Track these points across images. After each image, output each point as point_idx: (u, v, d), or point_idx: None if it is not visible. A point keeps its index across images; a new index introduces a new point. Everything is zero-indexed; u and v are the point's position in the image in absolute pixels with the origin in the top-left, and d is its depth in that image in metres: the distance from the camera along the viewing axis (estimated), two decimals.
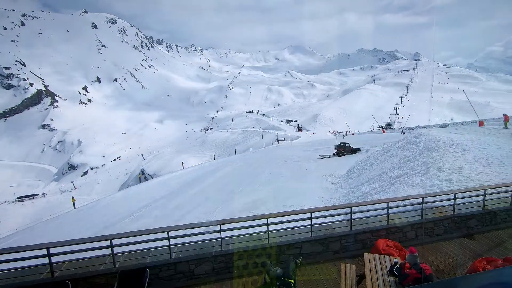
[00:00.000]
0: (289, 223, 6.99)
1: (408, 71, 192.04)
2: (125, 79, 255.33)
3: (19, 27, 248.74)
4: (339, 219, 8.71)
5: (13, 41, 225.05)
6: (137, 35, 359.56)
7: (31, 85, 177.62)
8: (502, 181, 9.63)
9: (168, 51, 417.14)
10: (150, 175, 72.67)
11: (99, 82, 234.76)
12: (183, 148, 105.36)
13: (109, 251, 5.71)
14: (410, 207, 7.98)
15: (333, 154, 32.92)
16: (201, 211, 18.19)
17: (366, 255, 5.56)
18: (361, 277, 5.31)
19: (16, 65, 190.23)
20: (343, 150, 32.86)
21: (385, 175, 15.29)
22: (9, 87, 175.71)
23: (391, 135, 46.56)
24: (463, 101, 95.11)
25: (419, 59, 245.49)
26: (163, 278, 5.93)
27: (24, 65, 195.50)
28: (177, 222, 16.35)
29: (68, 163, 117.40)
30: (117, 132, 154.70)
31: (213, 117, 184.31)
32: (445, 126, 44.99)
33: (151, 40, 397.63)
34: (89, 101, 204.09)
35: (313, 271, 6.21)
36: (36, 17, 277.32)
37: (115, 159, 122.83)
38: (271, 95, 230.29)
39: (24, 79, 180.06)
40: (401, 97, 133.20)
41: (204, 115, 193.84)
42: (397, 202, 7.73)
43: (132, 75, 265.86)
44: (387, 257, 5.48)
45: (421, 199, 7.32)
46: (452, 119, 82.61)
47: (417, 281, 4.43)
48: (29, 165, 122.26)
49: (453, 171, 11.26)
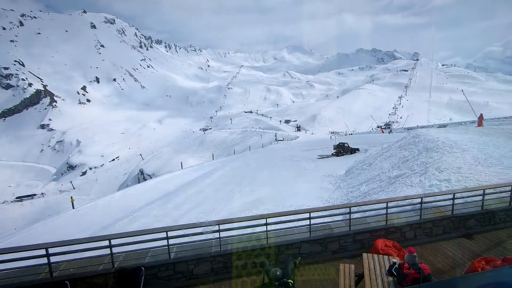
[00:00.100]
0: (288, 223, 7.00)
1: (407, 71, 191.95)
2: (124, 79, 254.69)
3: (18, 27, 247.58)
4: (338, 219, 8.71)
5: (12, 41, 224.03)
6: (136, 35, 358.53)
7: (30, 85, 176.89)
8: (501, 181, 9.66)
9: (167, 51, 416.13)
10: (149, 175, 72.54)
11: (98, 82, 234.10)
12: (182, 148, 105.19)
13: (107, 251, 5.71)
14: (409, 207, 7.99)
15: (332, 154, 32.94)
16: (200, 211, 18.17)
17: (365, 255, 5.56)
18: (360, 277, 5.31)
19: (15, 65, 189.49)
20: (342, 150, 32.88)
21: (384, 175, 15.32)
22: (7, 87, 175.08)
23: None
24: (462, 101, 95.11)
25: (418, 59, 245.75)
26: (162, 278, 5.93)
27: (23, 65, 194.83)
28: (176, 222, 16.36)
29: (67, 163, 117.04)
30: (116, 132, 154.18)
31: (211, 117, 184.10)
32: (444, 126, 45.08)
33: (150, 40, 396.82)
34: (88, 101, 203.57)
35: (312, 271, 6.21)
36: (35, 17, 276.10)
37: (114, 159, 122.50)
38: (270, 95, 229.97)
39: (23, 79, 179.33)
40: (400, 97, 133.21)
41: (203, 115, 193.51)
42: (396, 202, 7.73)
43: (131, 75, 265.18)
44: (386, 257, 5.48)
45: (420, 199, 7.33)
46: (451, 119, 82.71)
47: (416, 281, 4.44)
48: (28, 165, 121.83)
49: (452, 171, 11.29)
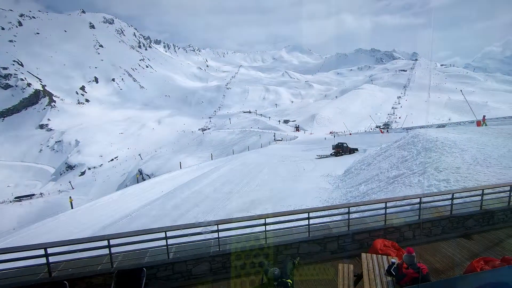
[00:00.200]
0: (287, 223, 6.99)
1: (405, 71, 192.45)
2: (122, 79, 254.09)
3: (17, 27, 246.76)
4: (337, 219, 8.71)
5: (10, 41, 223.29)
6: (135, 35, 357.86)
7: (29, 85, 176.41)
8: (499, 181, 9.69)
9: (166, 51, 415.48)
10: (147, 175, 72.48)
11: (97, 82, 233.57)
12: (180, 148, 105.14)
13: (106, 251, 5.70)
14: (407, 207, 7.99)
15: (331, 154, 32.98)
16: (199, 211, 18.15)
17: (363, 255, 5.56)
18: (358, 277, 5.31)
19: (13, 65, 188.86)
20: (340, 150, 32.93)
21: (382, 175, 15.33)
22: (6, 87, 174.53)
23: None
24: (461, 101, 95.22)
25: (416, 59, 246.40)
26: (161, 278, 5.92)
27: (21, 65, 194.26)
28: (175, 222, 16.35)
29: (65, 163, 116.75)
30: (115, 132, 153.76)
31: (210, 117, 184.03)
32: (443, 126, 45.20)
33: (148, 40, 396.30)
34: (87, 101, 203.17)
35: (310, 271, 6.21)
36: (33, 17, 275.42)
37: (112, 159, 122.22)
38: (268, 95, 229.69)
39: (21, 79, 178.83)
40: (398, 97, 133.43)
41: (201, 115, 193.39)
42: (394, 202, 7.73)
43: (129, 75, 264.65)
44: (384, 257, 5.48)
45: (419, 199, 7.33)
46: (449, 119, 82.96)
47: (414, 281, 4.44)
48: (27, 165, 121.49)
49: (450, 171, 11.31)
